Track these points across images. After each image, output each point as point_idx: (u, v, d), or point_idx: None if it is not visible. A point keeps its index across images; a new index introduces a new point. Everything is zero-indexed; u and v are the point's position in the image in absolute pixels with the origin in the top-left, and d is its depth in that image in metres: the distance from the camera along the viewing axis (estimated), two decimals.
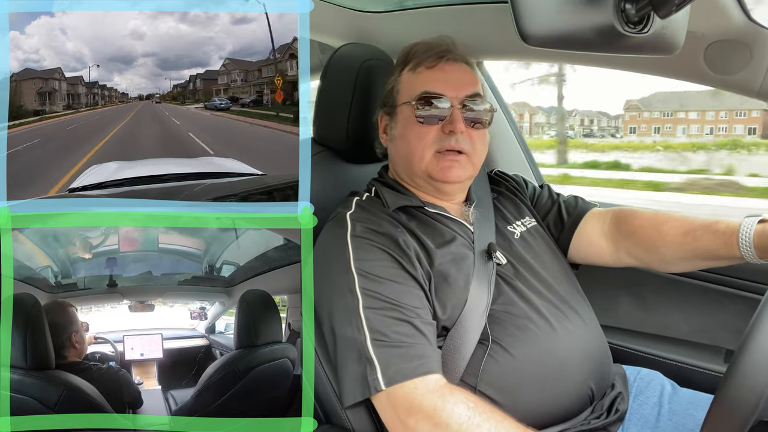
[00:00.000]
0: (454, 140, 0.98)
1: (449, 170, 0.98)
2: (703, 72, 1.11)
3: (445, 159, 0.98)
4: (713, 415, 0.66)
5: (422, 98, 0.98)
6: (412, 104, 0.99)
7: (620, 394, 1.01)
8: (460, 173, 0.99)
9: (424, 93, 0.99)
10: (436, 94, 0.98)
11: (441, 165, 0.98)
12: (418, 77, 1.02)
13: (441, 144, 0.98)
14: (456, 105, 0.98)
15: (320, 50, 1.59)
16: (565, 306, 0.98)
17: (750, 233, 0.89)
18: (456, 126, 0.97)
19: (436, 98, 0.98)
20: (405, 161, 1.03)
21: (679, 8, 0.63)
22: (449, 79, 1.00)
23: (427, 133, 0.99)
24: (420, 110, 0.98)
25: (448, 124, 0.98)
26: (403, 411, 0.81)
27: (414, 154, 1.00)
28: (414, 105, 0.99)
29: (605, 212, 1.13)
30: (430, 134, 0.98)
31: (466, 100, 0.99)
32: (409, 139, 1.00)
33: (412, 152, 1.00)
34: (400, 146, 1.03)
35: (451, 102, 0.98)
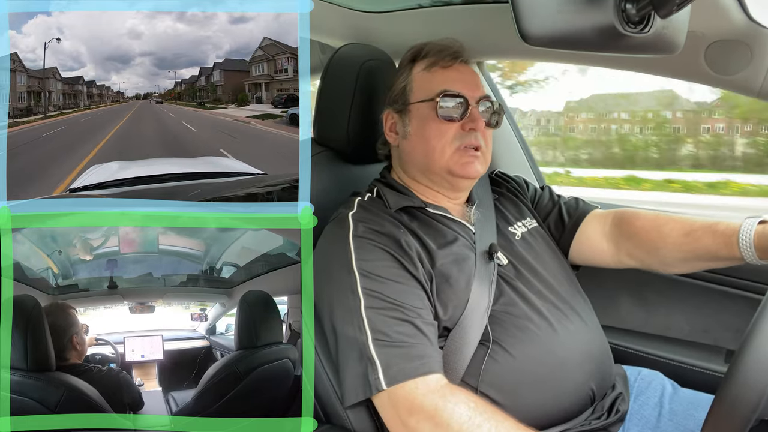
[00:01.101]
0: (474, 137, 1.00)
1: (470, 165, 1.00)
2: (704, 72, 1.11)
3: (467, 155, 1.00)
4: (714, 414, 0.66)
5: (444, 96, 1.00)
6: (434, 101, 1.00)
7: (621, 394, 1.01)
8: (478, 168, 1.02)
9: (444, 91, 1.00)
10: (456, 93, 1.00)
11: (463, 161, 1.00)
12: (434, 76, 1.03)
13: (462, 141, 1.00)
14: (473, 104, 1.01)
15: (320, 50, 1.59)
16: (565, 307, 0.98)
17: (750, 234, 0.90)
18: (478, 124, 1.00)
19: (456, 97, 1.00)
20: (423, 157, 1.03)
21: (680, 8, 0.63)
22: (465, 79, 1.03)
23: (448, 130, 1.00)
24: (443, 106, 1.00)
25: (469, 122, 1.00)
26: (404, 411, 0.81)
27: (434, 151, 1.01)
28: (436, 102, 1.00)
29: (606, 214, 1.13)
30: (451, 131, 1.00)
31: (481, 101, 1.01)
32: (429, 136, 1.01)
33: (432, 149, 1.01)
34: (417, 143, 1.04)
35: (470, 101, 1.00)
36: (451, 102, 1.00)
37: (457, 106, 1.00)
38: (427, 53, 1.05)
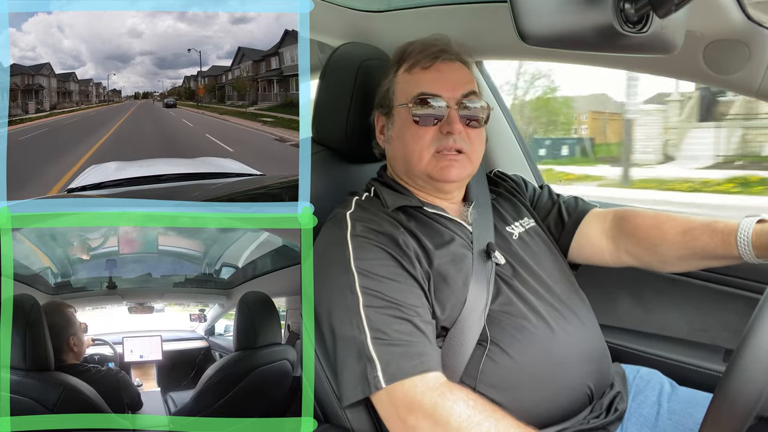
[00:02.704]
0: (452, 140, 0.98)
1: (448, 170, 0.99)
2: (703, 71, 1.11)
3: (445, 159, 0.99)
4: (713, 411, 0.66)
5: (419, 99, 0.99)
6: (408, 106, 0.99)
7: (619, 393, 1.01)
8: (459, 172, 1.00)
9: (420, 94, 0.99)
10: (432, 95, 0.98)
11: (440, 165, 0.99)
12: (414, 78, 1.02)
13: (439, 144, 0.98)
14: (452, 105, 0.99)
15: (320, 49, 1.59)
16: (563, 307, 0.98)
17: (748, 233, 0.90)
18: (453, 126, 0.98)
19: (433, 99, 0.98)
20: (403, 162, 1.03)
21: (678, 8, 0.63)
22: (445, 79, 1.00)
23: (425, 134, 0.99)
24: (416, 111, 0.99)
25: (445, 124, 0.98)
26: (404, 409, 0.81)
27: (412, 155, 1.00)
28: (410, 106, 0.99)
29: (606, 212, 1.13)
30: (428, 135, 0.99)
31: (462, 99, 0.99)
32: (407, 140, 1.00)
33: (410, 153, 1.00)
34: (398, 147, 1.03)
35: (447, 102, 0.99)
36: (428, 104, 0.98)
37: (432, 108, 0.98)
38: (409, 54, 1.03)
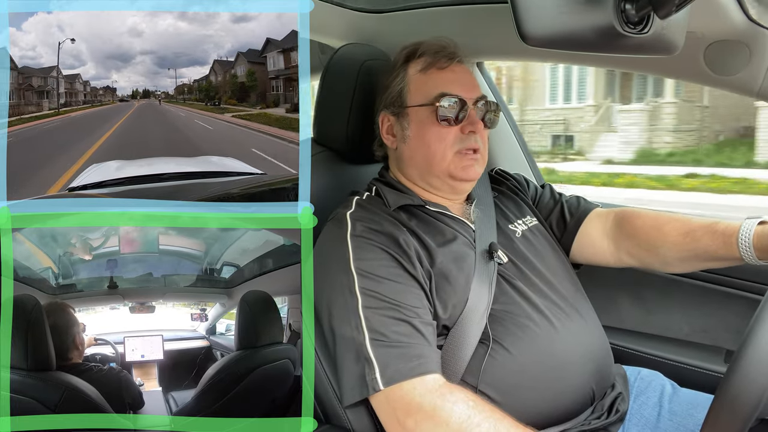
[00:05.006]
0: (473, 140, 1.00)
1: (470, 169, 1.01)
2: (703, 72, 1.10)
3: (466, 158, 1.00)
4: (714, 413, 0.66)
5: (441, 100, 1.00)
6: (433, 106, 1.00)
7: (621, 394, 1.01)
8: (478, 170, 1.02)
9: (442, 94, 0.99)
10: (454, 95, 1.00)
11: (463, 164, 1.00)
12: (431, 78, 1.02)
13: (462, 144, 1.00)
14: (472, 106, 1.00)
15: (320, 50, 1.59)
16: (566, 305, 0.98)
17: (750, 234, 0.90)
18: (477, 126, 1.00)
19: (455, 99, 1.00)
20: (423, 162, 1.03)
21: (679, 8, 0.63)
22: (462, 80, 1.02)
23: (447, 134, 1.00)
24: (441, 112, 1.00)
25: (468, 125, 1.00)
26: (402, 412, 0.81)
27: (435, 155, 1.01)
28: (437, 106, 0.99)
29: (608, 212, 1.13)
30: (450, 135, 1.00)
31: (478, 101, 1.01)
32: (429, 140, 1.01)
33: (432, 153, 1.01)
34: (417, 147, 1.03)
35: (468, 103, 1.00)
36: (450, 105, 0.99)
37: (455, 109, 0.99)
38: (422, 54, 1.04)
